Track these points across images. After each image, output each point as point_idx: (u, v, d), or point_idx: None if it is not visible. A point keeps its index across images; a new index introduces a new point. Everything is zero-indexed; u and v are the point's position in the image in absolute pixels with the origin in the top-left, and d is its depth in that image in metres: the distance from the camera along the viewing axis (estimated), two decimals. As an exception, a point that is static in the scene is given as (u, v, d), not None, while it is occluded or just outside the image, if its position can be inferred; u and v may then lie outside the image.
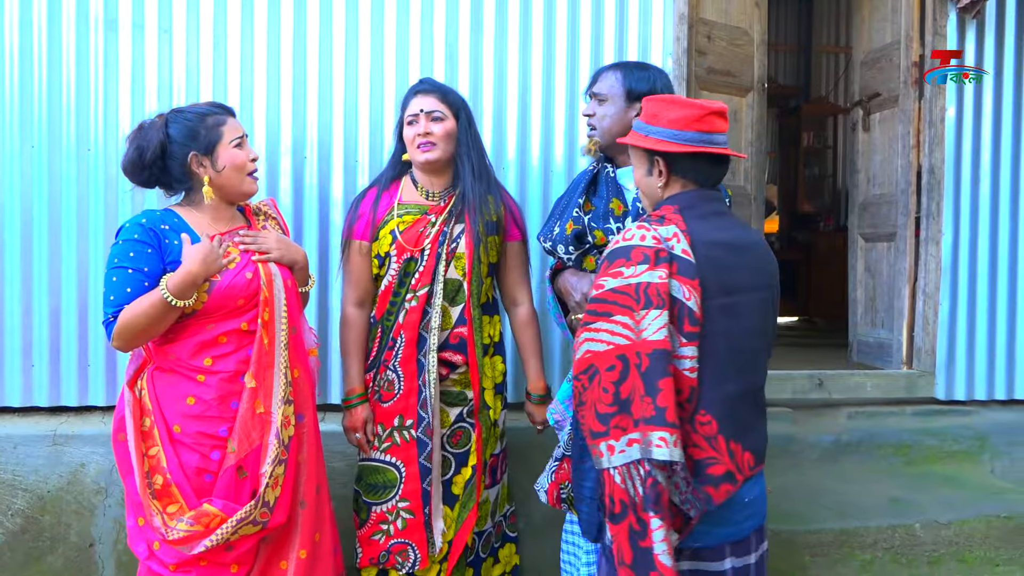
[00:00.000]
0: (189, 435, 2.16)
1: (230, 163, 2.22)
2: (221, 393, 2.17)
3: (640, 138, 1.99)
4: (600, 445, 1.84)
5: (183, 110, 2.25)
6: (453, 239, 2.55)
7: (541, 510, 3.18)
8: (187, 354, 2.17)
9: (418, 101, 2.55)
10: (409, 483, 2.55)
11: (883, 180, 4.06)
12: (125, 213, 3.11)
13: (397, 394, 2.55)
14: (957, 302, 3.73)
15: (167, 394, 2.17)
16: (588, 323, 1.86)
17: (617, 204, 2.46)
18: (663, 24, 3.38)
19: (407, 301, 2.53)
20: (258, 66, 3.17)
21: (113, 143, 3.11)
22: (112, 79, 3.11)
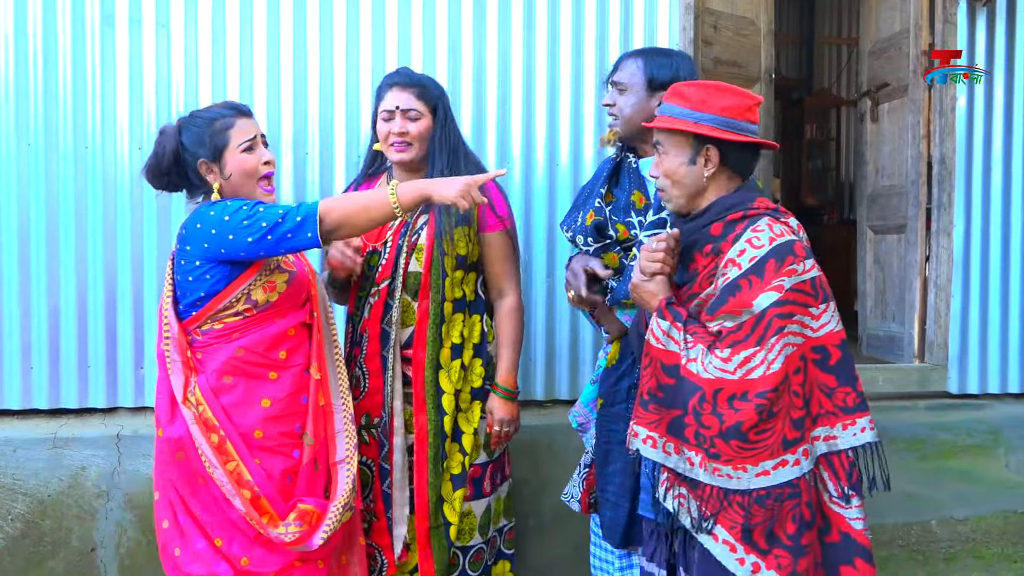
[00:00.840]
0: (273, 437, 2.12)
1: (238, 169, 2.14)
2: (293, 389, 2.16)
3: (689, 124, 1.88)
4: (797, 452, 1.77)
5: (196, 114, 2.18)
6: (415, 231, 2.44)
7: (551, 507, 3.14)
8: (264, 346, 2.13)
9: (394, 96, 2.41)
10: (376, 483, 2.45)
11: (892, 171, 4.00)
12: (124, 212, 3.06)
13: (363, 392, 2.45)
14: (969, 294, 3.67)
15: (237, 402, 2.11)
16: (765, 337, 1.75)
17: (639, 196, 2.36)
18: (669, 14, 3.33)
19: (371, 296, 2.45)
20: (257, 61, 3.11)
21: (111, 141, 3.05)
22: (110, 76, 3.05)
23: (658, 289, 1.91)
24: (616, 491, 2.33)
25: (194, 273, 2.11)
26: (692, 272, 1.93)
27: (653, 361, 1.88)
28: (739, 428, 1.73)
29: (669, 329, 1.85)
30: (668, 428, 1.83)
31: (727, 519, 1.77)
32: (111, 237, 3.06)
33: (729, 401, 1.75)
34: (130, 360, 3.08)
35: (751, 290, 1.78)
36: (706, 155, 1.90)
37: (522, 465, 3.16)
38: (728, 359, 1.76)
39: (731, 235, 1.86)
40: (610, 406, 2.34)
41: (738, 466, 1.74)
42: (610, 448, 2.35)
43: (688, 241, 1.93)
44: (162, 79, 3.07)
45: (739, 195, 1.93)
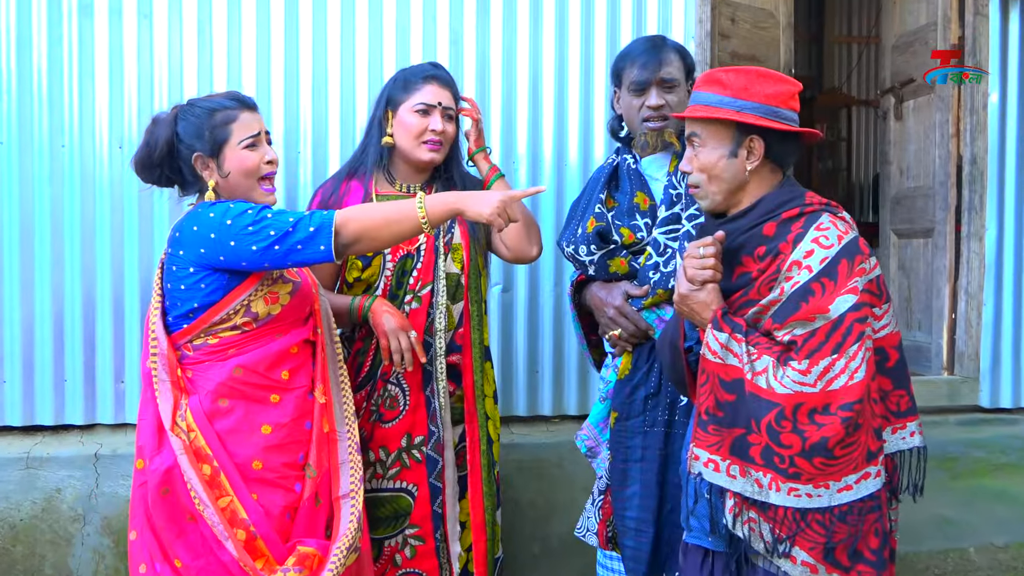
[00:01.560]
0: (274, 469, 1.90)
1: (237, 167, 1.93)
2: (297, 414, 1.95)
3: (731, 112, 1.71)
4: (879, 463, 1.68)
5: (195, 103, 1.97)
6: (448, 228, 2.30)
7: (560, 534, 2.93)
8: (264, 365, 1.93)
9: (435, 91, 2.26)
10: (420, 507, 2.27)
11: (918, 172, 3.80)
12: (104, 214, 2.86)
13: (403, 410, 2.27)
14: (1002, 302, 3.47)
15: (234, 428, 1.89)
16: (844, 344, 1.61)
17: (643, 198, 2.21)
18: (684, 4, 3.14)
19: (407, 304, 2.26)
20: (246, 54, 2.92)
21: (89, 138, 2.86)
22: (88, 70, 2.85)
23: (711, 299, 1.72)
24: (637, 516, 2.16)
25: (187, 281, 1.90)
26: (740, 277, 1.76)
27: (710, 377, 1.70)
28: (825, 445, 1.59)
29: (728, 341, 1.67)
30: (731, 449, 1.67)
31: (806, 540, 1.64)
32: (89, 241, 2.86)
33: (810, 416, 1.60)
34: (110, 373, 2.88)
35: (825, 294, 1.63)
36: (749, 146, 1.74)
37: (528, 486, 2.97)
38: (807, 371, 1.60)
39: (790, 235, 1.70)
40: (625, 419, 2.18)
41: (819, 484, 1.61)
42: (627, 467, 2.18)
43: (733, 244, 1.75)
44: (144, 73, 2.87)
45: (788, 190, 1.77)
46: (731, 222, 1.78)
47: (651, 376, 2.17)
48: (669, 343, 1.89)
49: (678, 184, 2.18)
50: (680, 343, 1.85)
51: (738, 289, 1.76)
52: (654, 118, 2.16)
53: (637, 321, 2.15)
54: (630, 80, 2.18)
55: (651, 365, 2.17)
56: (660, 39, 2.26)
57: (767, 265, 1.71)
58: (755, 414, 1.63)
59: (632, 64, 2.18)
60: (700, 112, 1.76)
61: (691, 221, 2.14)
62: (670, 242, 2.15)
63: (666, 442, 2.15)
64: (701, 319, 1.74)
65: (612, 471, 2.21)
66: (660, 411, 2.17)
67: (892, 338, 1.76)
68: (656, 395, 2.16)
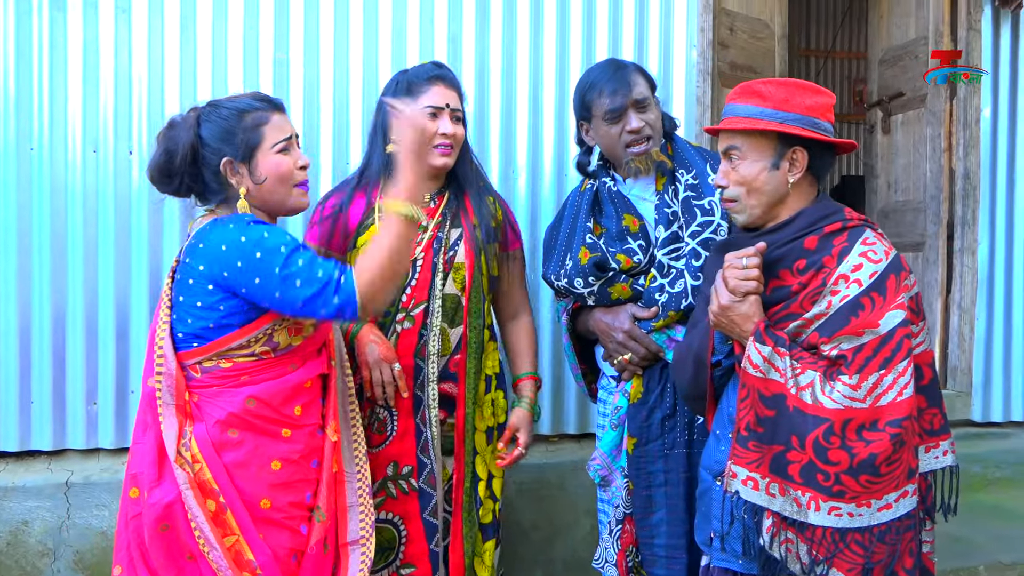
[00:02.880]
0: (282, 508, 1.75)
1: (273, 172, 1.78)
2: (306, 451, 1.80)
3: (774, 124, 1.67)
4: (916, 481, 1.65)
5: (219, 104, 1.81)
6: (450, 246, 2.14)
7: (564, 557, 2.83)
8: (279, 399, 1.76)
9: (442, 92, 2.13)
10: (413, 544, 2.11)
11: (907, 186, 3.80)
12: (76, 222, 2.65)
13: (390, 436, 2.11)
14: (993, 316, 3.48)
15: (243, 461, 1.73)
16: (893, 359, 1.57)
17: (631, 220, 2.14)
18: (687, 13, 3.07)
19: (399, 323, 2.10)
20: (232, 53, 2.75)
21: (60, 141, 2.66)
22: (60, 67, 2.65)
23: (753, 311, 1.67)
24: (667, 543, 2.09)
25: (206, 299, 1.73)
26: (776, 291, 1.70)
27: (751, 392, 1.64)
28: (872, 461, 1.55)
29: (771, 355, 1.62)
30: (771, 467, 1.61)
31: (844, 561, 1.58)
32: (60, 251, 2.65)
33: (859, 432, 1.56)
34: (81, 394, 2.68)
35: (875, 309, 1.60)
36: (792, 158, 1.70)
37: (529, 508, 2.85)
38: (857, 385, 1.56)
39: (834, 249, 1.66)
40: (644, 444, 2.11)
41: (862, 502, 1.57)
42: (651, 493, 2.11)
43: (770, 257, 1.69)
44: (122, 72, 2.68)
45: (827, 204, 1.74)
46: (769, 234, 1.73)
47: (665, 397, 2.12)
48: (694, 357, 1.82)
49: (671, 202, 2.12)
50: (708, 357, 1.78)
51: (775, 303, 1.71)
52: (637, 141, 2.09)
53: (648, 344, 2.09)
54: (604, 110, 2.10)
55: (664, 386, 2.12)
56: (617, 62, 2.19)
57: (809, 279, 1.67)
58: (799, 430, 1.59)
59: (601, 93, 2.11)
60: (743, 124, 1.71)
61: (695, 238, 2.08)
62: (673, 262, 2.09)
63: (688, 464, 2.09)
64: (742, 331, 1.68)
65: (635, 499, 2.13)
66: (679, 432, 2.11)
67: (927, 355, 1.73)
68: (672, 416, 2.11)
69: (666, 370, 2.10)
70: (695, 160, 2.18)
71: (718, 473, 1.75)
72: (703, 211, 2.10)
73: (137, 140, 2.68)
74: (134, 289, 2.68)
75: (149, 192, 2.64)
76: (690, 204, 2.11)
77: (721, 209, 2.08)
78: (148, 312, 2.67)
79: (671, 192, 2.13)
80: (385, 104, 2.11)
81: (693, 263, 2.06)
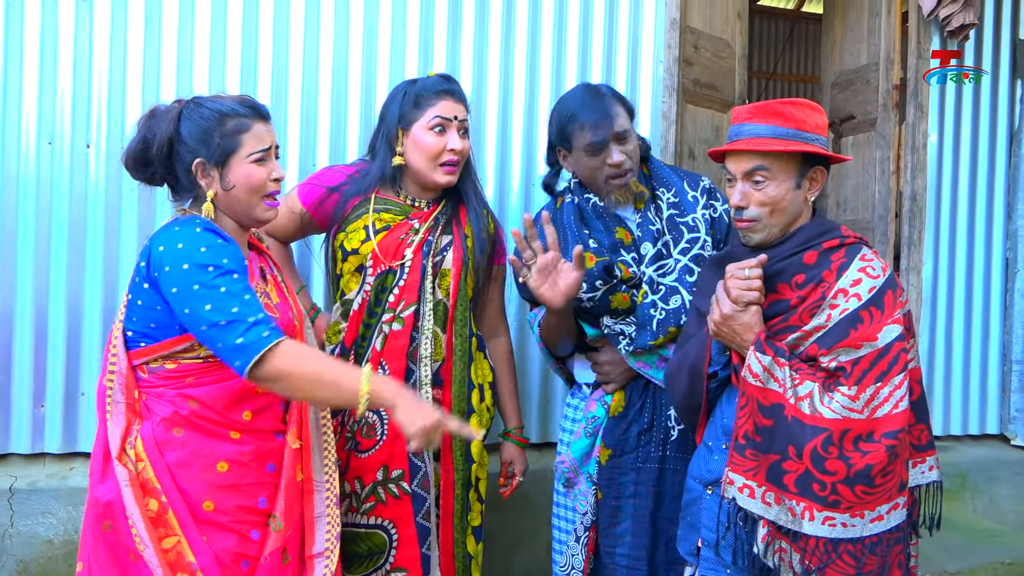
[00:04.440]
0: (227, 512, 1.69)
1: (243, 182, 1.73)
2: (259, 453, 1.74)
3: (803, 145, 1.70)
4: (906, 494, 1.69)
5: (202, 103, 1.75)
6: (438, 252, 2.14)
7: (523, 565, 2.82)
8: (223, 403, 1.70)
9: (451, 106, 2.10)
10: (404, 548, 2.08)
11: (856, 205, 3.92)
12: (27, 218, 2.54)
13: (380, 440, 2.08)
14: (936, 333, 3.62)
15: (187, 462, 1.68)
16: (889, 372, 1.61)
17: (624, 233, 2.15)
18: (654, 30, 3.12)
19: (386, 323, 2.09)
20: (199, 47, 2.66)
21: (14, 134, 2.55)
22: (15, 55, 2.54)
23: (754, 321, 1.71)
24: (629, 552, 2.12)
25: (146, 299, 1.68)
26: (774, 304, 1.74)
27: (750, 401, 1.68)
28: (868, 472, 1.59)
29: (771, 365, 1.66)
30: (767, 475, 1.64)
31: (836, 571, 1.63)
32: (9, 246, 2.53)
33: (855, 443, 1.59)
34: (27, 395, 2.55)
35: (873, 323, 1.65)
36: (812, 177, 1.75)
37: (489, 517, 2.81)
38: (856, 397, 1.60)
39: (833, 264, 1.71)
40: (619, 456, 2.14)
41: (856, 513, 1.61)
42: (620, 504, 2.14)
43: (768, 271, 1.73)
44: (81, 61, 2.58)
45: (824, 221, 1.80)
46: (768, 249, 1.76)
47: (644, 412, 2.14)
48: (690, 368, 1.84)
49: (654, 219, 2.14)
50: (704, 368, 1.80)
51: (773, 316, 1.74)
52: (618, 175, 2.10)
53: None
54: (585, 143, 2.08)
55: (644, 401, 2.15)
56: (595, 90, 2.14)
57: (808, 292, 1.71)
58: (796, 440, 1.62)
59: (582, 127, 2.08)
60: (776, 145, 1.70)
61: (685, 255, 2.11)
62: (661, 279, 2.10)
63: (659, 479, 2.12)
64: (742, 341, 1.71)
65: (602, 508, 2.15)
66: (654, 447, 2.14)
67: (915, 372, 1.78)
68: (649, 431, 2.14)
69: (649, 386, 2.13)
70: (672, 179, 2.21)
71: (708, 482, 1.78)
72: (688, 228, 2.13)
73: (96, 133, 2.57)
74: (87, 288, 2.57)
75: (106, 187, 2.58)
76: (675, 222, 2.13)
77: (706, 224, 2.11)
78: (102, 312, 2.56)
79: (652, 210, 2.15)
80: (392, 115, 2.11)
81: (688, 279, 2.08)
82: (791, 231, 1.76)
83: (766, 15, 8.31)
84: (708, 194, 2.20)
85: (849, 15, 3.97)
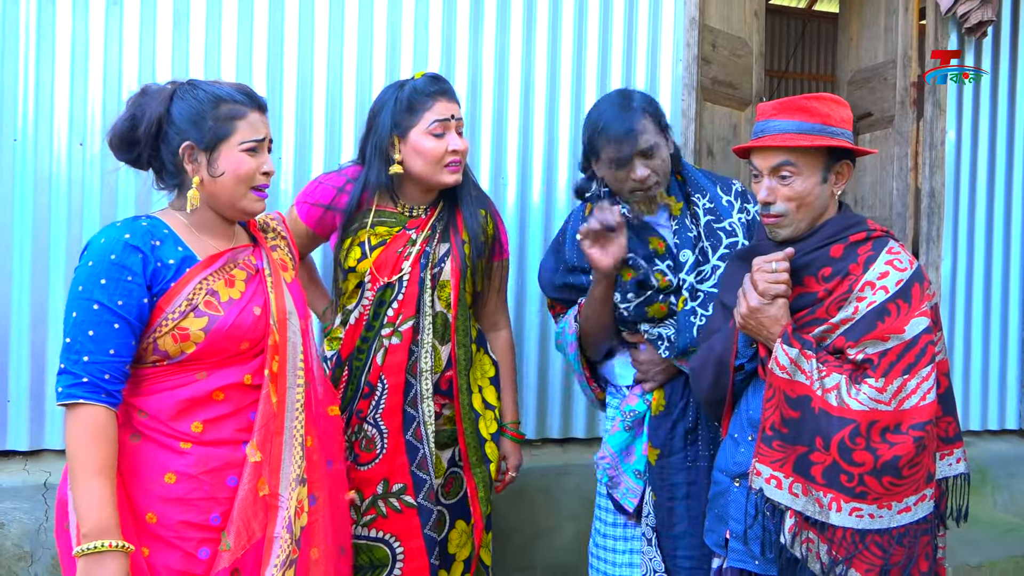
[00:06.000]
0: (169, 527, 1.57)
1: (233, 170, 1.66)
2: (215, 465, 1.61)
3: (829, 139, 1.71)
4: (934, 486, 1.70)
5: (198, 86, 1.69)
6: (436, 262, 2.11)
7: (543, 561, 2.84)
8: (167, 414, 1.60)
9: (446, 106, 2.07)
10: (412, 560, 2.07)
11: (873, 203, 3.93)
12: (60, 217, 2.58)
13: (380, 454, 2.07)
14: (954, 329, 3.62)
15: (136, 470, 1.58)
16: (917, 365, 1.62)
17: (658, 243, 2.14)
18: (674, 28, 3.14)
19: (385, 338, 2.07)
20: (226, 52, 2.71)
21: (46, 133, 2.58)
22: (47, 57, 2.58)
23: (781, 314, 1.72)
24: (689, 554, 2.09)
25: None
26: (801, 297, 1.75)
27: (776, 393, 1.69)
28: (896, 464, 1.60)
29: (797, 357, 1.67)
30: (794, 467, 1.66)
31: (863, 562, 1.63)
32: (42, 245, 2.58)
33: (883, 434, 1.60)
34: (60, 393, 2.59)
35: (901, 315, 1.66)
36: (838, 171, 1.76)
37: (511, 512, 2.86)
38: (883, 388, 1.61)
39: (860, 257, 1.72)
40: (668, 456, 2.12)
41: (883, 504, 1.62)
42: (673, 506, 2.12)
43: (795, 264, 1.74)
44: (112, 63, 2.62)
45: (851, 215, 1.81)
46: (794, 243, 1.77)
47: (688, 411, 2.13)
48: (717, 360, 1.86)
49: (691, 226, 2.14)
50: (731, 360, 1.82)
51: (800, 309, 1.76)
52: (642, 189, 2.08)
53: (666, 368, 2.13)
54: (609, 158, 2.06)
55: (687, 400, 2.13)
56: (626, 102, 2.08)
57: (835, 285, 1.72)
58: (824, 431, 1.64)
59: (608, 142, 2.05)
60: (803, 140, 1.71)
61: (724, 260, 2.10)
62: (699, 285, 2.11)
63: (710, 478, 2.06)
64: (769, 334, 1.72)
65: (658, 510, 2.13)
66: (702, 446, 2.12)
67: (943, 365, 1.79)
68: (695, 430, 2.13)
69: (689, 385, 2.10)
70: (707, 184, 2.21)
71: (735, 475, 1.79)
72: (726, 233, 2.13)
73: (126, 134, 2.62)
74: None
75: (136, 188, 2.62)
76: (712, 228, 2.14)
77: (743, 229, 2.12)
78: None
79: (689, 217, 2.15)
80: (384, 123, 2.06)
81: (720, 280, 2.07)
82: (817, 225, 1.77)
83: (778, 14, 8.29)
84: (741, 197, 2.19)
85: (866, 13, 3.99)
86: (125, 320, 1.55)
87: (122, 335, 1.55)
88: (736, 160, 3.30)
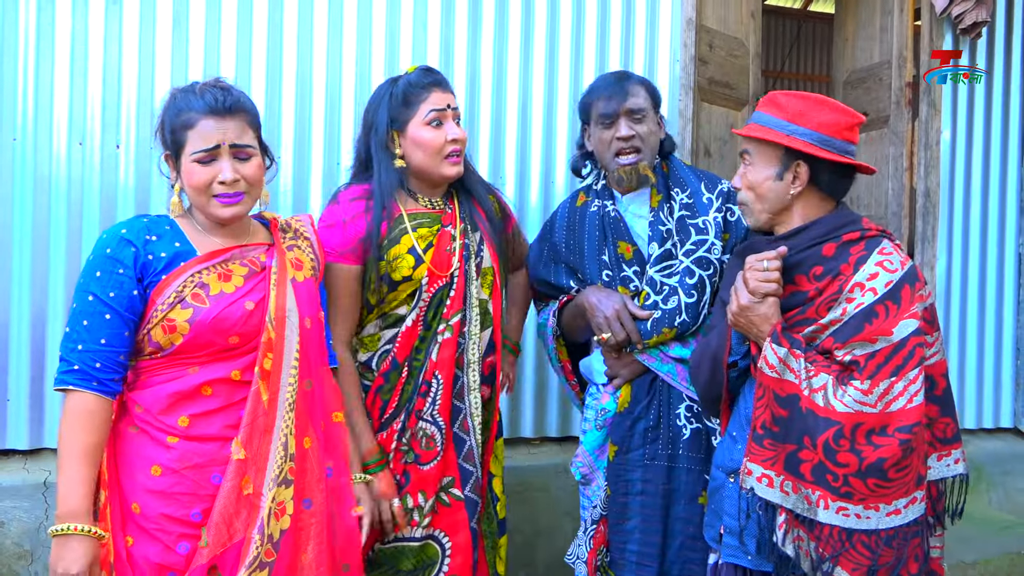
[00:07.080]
0: (151, 518, 1.59)
1: (186, 181, 1.68)
2: (199, 462, 1.62)
3: (780, 136, 1.71)
4: (924, 488, 1.68)
5: (175, 92, 1.72)
6: (476, 250, 2.12)
7: (544, 558, 2.86)
8: (157, 407, 1.63)
9: (441, 95, 2.05)
10: (458, 555, 2.05)
11: (869, 202, 3.95)
12: (59, 217, 2.59)
13: (440, 451, 2.04)
14: (950, 328, 3.65)
15: (129, 459, 1.62)
16: (905, 367, 1.60)
17: (625, 247, 2.17)
18: (671, 28, 3.17)
19: (440, 333, 2.05)
20: (225, 50, 2.72)
21: (45, 132, 2.58)
22: (47, 57, 2.58)
23: (771, 312, 1.72)
24: (639, 550, 2.12)
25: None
26: (792, 296, 1.75)
27: (766, 391, 1.69)
28: (881, 466, 1.58)
29: (786, 357, 1.67)
30: (784, 465, 1.66)
31: (849, 561, 1.62)
32: (42, 245, 2.58)
33: (868, 436, 1.60)
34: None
35: (889, 317, 1.64)
36: (795, 171, 1.74)
37: (511, 510, 2.85)
38: (869, 391, 1.60)
39: (851, 257, 1.70)
40: (625, 452, 2.14)
41: (870, 505, 1.60)
42: (627, 501, 2.14)
43: (787, 262, 1.74)
44: (111, 63, 2.63)
45: (845, 214, 1.79)
46: (787, 240, 1.76)
47: (651, 409, 2.14)
48: (711, 357, 1.86)
49: (666, 220, 2.17)
50: (725, 357, 1.83)
51: (791, 307, 1.75)
52: (626, 150, 2.12)
53: (631, 331, 2.09)
54: (598, 113, 2.15)
55: (651, 398, 2.14)
56: (625, 73, 2.26)
57: (826, 285, 1.71)
58: (811, 431, 1.63)
59: (599, 98, 2.16)
60: (754, 132, 1.77)
61: (689, 257, 2.13)
62: (666, 279, 2.13)
63: (669, 477, 2.11)
64: (759, 332, 1.72)
65: (611, 504, 2.15)
66: (661, 445, 2.13)
67: (940, 366, 1.78)
68: (656, 428, 2.13)
69: (656, 382, 2.14)
70: (690, 179, 2.22)
71: (732, 471, 1.80)
72: (697, 230, 2.14)
73: (126, 134, 2.62)
74: (118, 285, 2.62)
75: (136, 187, 2.63)
76: (685, 223, 2.15)
77: (717, 227, 2.14)
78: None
79: (666, 210, 2.17)
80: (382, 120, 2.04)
81: (687, 281, 2.10)
82: (808, 222, 1.76)
83: (775, 14, 8.32)
84: (725, 197, 2.19)
85: (861, 13, 4.01)
86: (116, 311, 1.62)
87: (113, 325, 1.61)
88: (734, 160, 3.32)
